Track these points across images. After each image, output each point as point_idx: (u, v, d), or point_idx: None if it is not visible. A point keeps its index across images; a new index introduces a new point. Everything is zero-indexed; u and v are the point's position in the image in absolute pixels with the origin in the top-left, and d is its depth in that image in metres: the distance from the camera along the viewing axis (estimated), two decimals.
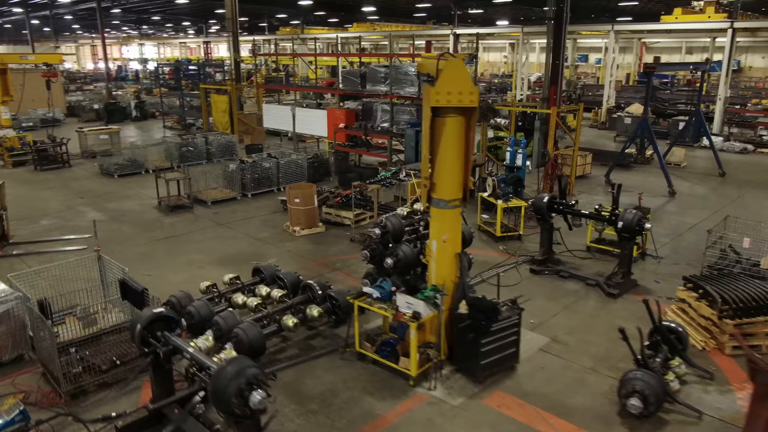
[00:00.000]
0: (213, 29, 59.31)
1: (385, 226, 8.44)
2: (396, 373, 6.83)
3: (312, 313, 7.61)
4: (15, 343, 7.06)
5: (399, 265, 8.40)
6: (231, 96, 22.84)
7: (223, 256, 10.83)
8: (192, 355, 5.19)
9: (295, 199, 11.77)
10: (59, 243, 11.61)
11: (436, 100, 6.38)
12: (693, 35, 40.29)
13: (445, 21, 42.74)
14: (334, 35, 39.67)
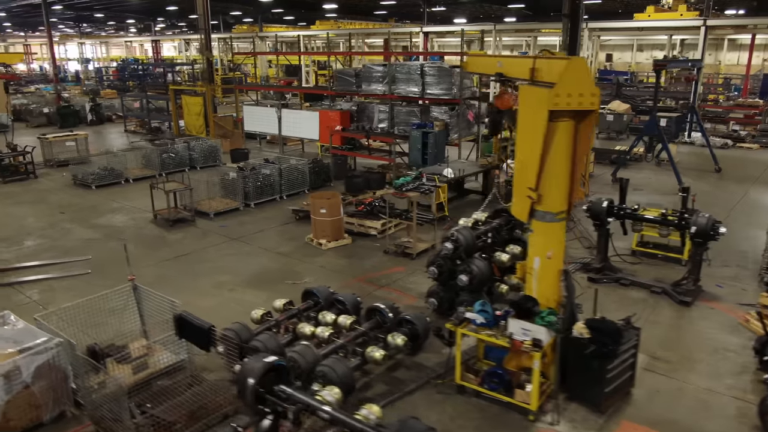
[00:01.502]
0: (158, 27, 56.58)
1: (456, 240, 7.78)
2: (506, 406, 6.13)
3: (396, 342, 6.81)
4: (56, 398, 5.92)
5: (475, 282, 7.76)
6: (206, 98, 21.44)
7: (251, 275, 9.81)
8: (334, 417, 4.31)
9: (320, 209, 10.85)
10: (55, 268, 10.25)
11: (555, 103, 5.70)
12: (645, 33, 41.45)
13: (406, 19, 42.23)
14: (295, 33, 38.41)
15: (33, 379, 5.69)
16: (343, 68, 19.18)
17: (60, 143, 18.71)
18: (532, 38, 42.78)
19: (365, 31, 37.83)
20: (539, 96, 5.83)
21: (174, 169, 17.39)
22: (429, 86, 15.61)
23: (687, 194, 8.92)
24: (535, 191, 6.18)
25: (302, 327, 7.18)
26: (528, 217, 6.43)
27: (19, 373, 5.58)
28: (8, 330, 6.15)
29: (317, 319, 7.44)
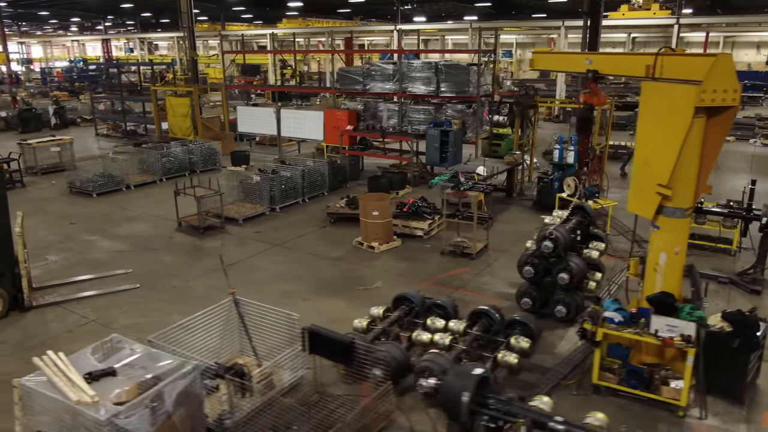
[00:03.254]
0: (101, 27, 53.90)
1: (556, 238, 7.71)
2: (648, 403, 6.12)
3: (520, 345, 6.67)
4: (194, 426, 5.44)
5: (575, 281, 7.73)
6: (194, 99, 20.55)
7: (315, 283, 9.42)
8: (570, 429, 4.13)
9: (373, 211, 10.56)
10: (98, 283, 9.51)
11: (701, 99, 5.70)
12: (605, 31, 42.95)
13: (371, 17, 41.98)
14: (264, 32, 37.44)
15: (174, 408, 5.21)
16: (348, 67, 18.77)
17: (44, 149, 17.46)
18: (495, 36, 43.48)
19: (338, 29, 37.34)
20: (683, 92, 5.81)
21: (174, 174, 16.61)
22: (445, 84, 15.52)
23: (753, 188, 9.19)
24: (668, 188, 6.18)
25: (418, 334, 6.93)
26: (654, 214, 6.42)
27: (163, 401, 5.09)
28: (128, 354, 5.61)
29: (425, 325, 7.21)
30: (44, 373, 5.21)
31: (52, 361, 5.33)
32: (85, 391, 4.88)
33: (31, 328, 8.02)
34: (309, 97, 30.79)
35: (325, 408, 5.90)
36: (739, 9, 35.83)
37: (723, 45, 43.39)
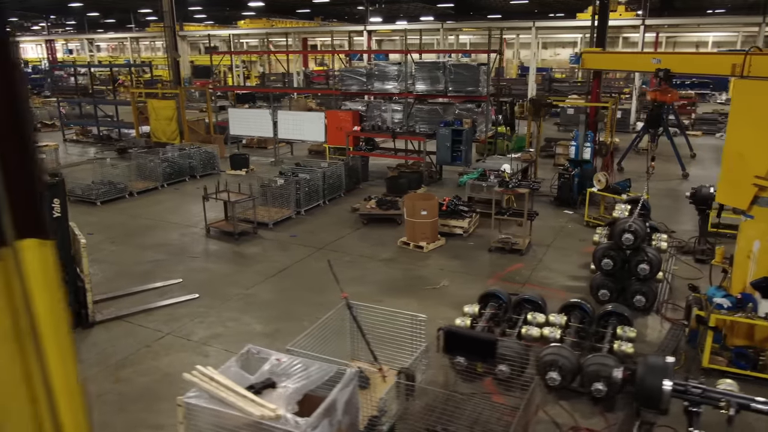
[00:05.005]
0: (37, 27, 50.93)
1: (635, 231, 8.00)
2: (758, 383, 6.47)
3: (628, 334, 6.90)
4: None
5: (654, 271, 8.05)
6: (180, 101, 19.83)
7: (380, 284, 9.36)
8: None
9: (422, 211, 10.58)
10: (150, 295, 9.09)
11: None
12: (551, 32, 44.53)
13: (332, 17, 41.75)
14: (225, 32, 36.47)
15: (342, 417, 5.09)
16: (352, 67, 18.63)
17: None
18: (455, 37, 44.28)
19: (303, 30, 36.89)
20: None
21: (174, 179, 16.04)
22: (453, 84, 15.69)
23: None
24: (767, 179, 6.56)
25: (529, 329, 7.03)
26: (749, 205, 6.80)
27: (336, 411, 4.96)
28: (277, 364, 5.42)
29: (526, 320, 7.32)
30: (203, 389, 4.96)
31: (206, 376, 5.08)
32: (264, 405, 4.70)
33: (103, 344, 7.57)
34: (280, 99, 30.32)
35: (467, 407, 5.91)
36: (680, 11, 38.08)
37: (666, 44, 45.84)
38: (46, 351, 2.11)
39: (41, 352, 2.09)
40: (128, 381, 6.71)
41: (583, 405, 6.25)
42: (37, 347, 2.08)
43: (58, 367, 2.14)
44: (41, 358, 2.09)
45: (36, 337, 2.06)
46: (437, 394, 6.06)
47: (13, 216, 1.94)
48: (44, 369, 2.09)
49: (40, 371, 2.08)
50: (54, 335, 2.12)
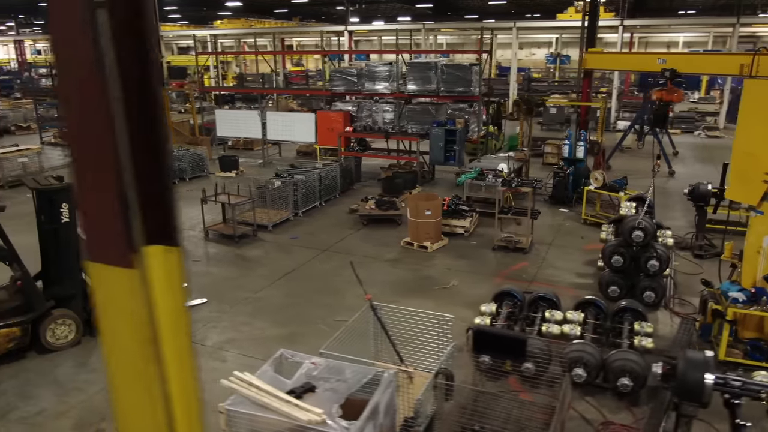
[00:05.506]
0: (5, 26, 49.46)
1: (645, 228, 8.15)
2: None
3: (646, 329, 7.02)
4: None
5: (664, 267, 8.21)
6: (164, 102, 19.44)
7: (390, 285, 9.34)
8: None
9: (426, 211, 10.60)
10: None
11: None
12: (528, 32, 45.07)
13: (310, 17, 41.53)
14: (205, 32, 35.91)
15: (383, 419, 5.07)
16: (342, 68, 18.54)
17: (10, 159, 15.93)
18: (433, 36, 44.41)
19: (284, 30, 36.58)
20: None
21: None
22: (445, 84, 15.76)
23: None
24: None
25: (548, 327, 7.11)
26: (759, 201, 6.99)
27: (378, 414, 4.94)
28: (313, 368, 5.37)
29: (544, 317, 7.40)
30: (243, 395, 4.89)
31: (245, 381, 5.01)
32: (310, 410, 4.65)
33: None
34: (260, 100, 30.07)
35: (497, 405, 5.94)
36: (652, 12, 38.96)
37: (638, 45, 46.81)
38: (165, 357, 2.07)
39: (160, 357, 2.04)
40: None
41: (608, 400, 6.35)
42: (157, 353, 2.03)
43: (175, 372, 2.09)
44: (160, 363, 2.04)
45: (156, 343, 2.02)
46: (468, 393, 6.09)
47: (143, 222, 1.89)
48: (162, 374, 2.05)
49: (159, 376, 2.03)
50: (173, 342, 2.08)
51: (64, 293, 7.47)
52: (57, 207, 7.26)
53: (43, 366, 7.07)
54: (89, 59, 1.63)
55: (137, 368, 1.97)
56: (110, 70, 1.66)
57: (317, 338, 7.72)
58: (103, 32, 1.68)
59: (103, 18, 1.69)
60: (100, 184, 1.75)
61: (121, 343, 1.97)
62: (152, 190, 1.86)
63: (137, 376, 2.00)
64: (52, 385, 6.70)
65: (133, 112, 1.76)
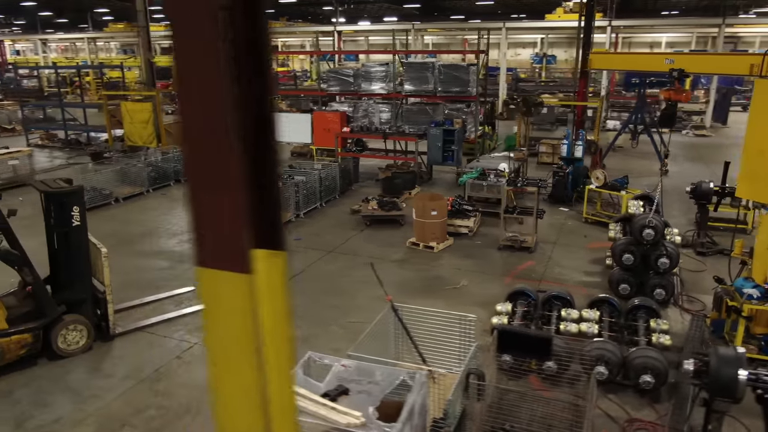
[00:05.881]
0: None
1: (655, 227, 8.24)
2: None
3: (661, 326, 7.10)
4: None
5: (674, 264, 8.30)
6: (156, 104, 19.24)
7: (399, 286, 9.30)
8: None
9: (432, 211, 10.61)
10: (164, 304, 8.79)
11: None
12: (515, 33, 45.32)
13: (298, 18, 41.36)
14: None
15: (417, 420, 5.06)
16: (337, 68, 18.47)
17: (1, 162, 15.60)
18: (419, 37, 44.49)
19: (272, 30, 36.31)
20: None
21: (160, 184, 15.57)
22: (443, 84, 15.80)
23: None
24: None
25: (566, 325, 7.15)
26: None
27: (414, 416, 4.92)
28: (343, 370, 5.33)
29: (560, 316, 7.44)
30: None
31: None
32: (348, 413, 4.62)
33: (130, 357, 7.28)
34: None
35: (523, 404, 5.96)
36: (636, 12, 39.47)
37: (622, 45, 47.37)
38: (267, 361, 2.03)
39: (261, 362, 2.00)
40: (168, 394, 6.48)
41: (629, 397, 6.41)
42: (259, 358, 1.99)
43: (274, 377, 2.06)
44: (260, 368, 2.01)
45: (259, 348, 1.98)
46: (493, 392, 6.10)
47: (253, 226, 1.85)
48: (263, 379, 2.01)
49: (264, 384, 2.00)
50: (276, 349, 2.04)
51: (75, 298, 7.33)
52: (68, 210, 7.12)
53: (55, 372, 6.94)
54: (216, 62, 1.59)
55: (244, 376, 1.94)
56: (234, 77, 1.62)
57: (332, 340, 7.70)
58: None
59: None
60: (220, 189, 1.71)
61: (230, 350, 1.93)
62: (262, 193, 1.82)
63: (243, 384, 1.96)
64: (67, 392, 6.57)
65: (249, 118, 1.72)
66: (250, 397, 1.92)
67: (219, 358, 1.98)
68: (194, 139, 1.71)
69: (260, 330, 1.89)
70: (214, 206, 1.74)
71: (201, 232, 1.79)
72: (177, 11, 1.60)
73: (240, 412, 2.02)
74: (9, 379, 6.78)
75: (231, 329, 1.88)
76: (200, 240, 1.80)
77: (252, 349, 1.82)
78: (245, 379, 1.92)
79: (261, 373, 1.88)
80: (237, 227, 1.71)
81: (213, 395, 2.05)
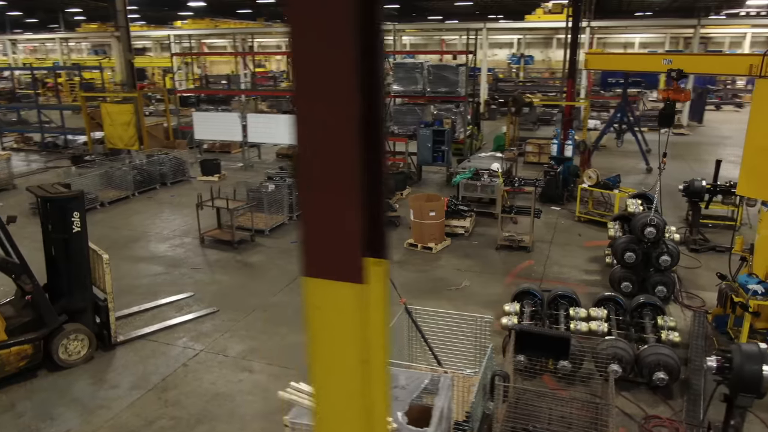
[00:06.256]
0: None
1: (657, 225, 8.35)
2: None
3: (669, 324, 7.20)
4: None
5: (675, 262, 8.43)
6: (138, 105, 18.84)
7: (402, 287, 9.20)
8: None
9: (430, 212, 10.59)
10: (163, 311, 8.59)
11: None
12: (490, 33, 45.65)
13: (275, 18, 40.99)
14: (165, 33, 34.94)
15: (444, 423, 5.02)
16: None
17: None
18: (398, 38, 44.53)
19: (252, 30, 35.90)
20: None
21: (145, 188, 15.26)
22: (432, 84, 15.80)
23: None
24: None
25: (577, 324, 7.18)
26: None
27: (443, 417, 4.88)
28: None
29: (569, 315, 7.48)
30: (305, 407, 4.75)
31: (304, 392, 4.87)
32: None
33: (135, 367, 7.08)
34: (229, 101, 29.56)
35: (542, 404, 5.97)
36: (610, 13, 40.13)
37: (596, 45, 48.10)
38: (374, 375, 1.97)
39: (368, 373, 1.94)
40: (178, 404, 6.31)
41: (642, 394, 6.47)
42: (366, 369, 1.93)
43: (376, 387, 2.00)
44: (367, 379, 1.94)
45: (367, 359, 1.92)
46: (511, 392, 6.09)
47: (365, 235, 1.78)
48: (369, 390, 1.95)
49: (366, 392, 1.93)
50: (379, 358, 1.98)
51: (75, 306, 7.11)
52: (68, 216, 6.89)
53: (58, 384, 6.71)
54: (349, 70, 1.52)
55: (351, 387, 1.86)
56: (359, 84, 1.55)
57: None
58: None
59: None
60: (340, 197, 1.63)
61: (338, 360, 1.86)
62: (372, 201, 1.75)
63: (349, 395, 1.89)
64: (73, 404, 6.36)
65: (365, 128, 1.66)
66: (355, 409, 1.85)
67: (325, 368, 1.91)
68: (315, 145, 1.63)
69: (369, 340, 1.82)
70: (332, 215, 1.67)
71: (313, 241, 1.71)
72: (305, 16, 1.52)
73: (344, 423, 1.95)
74: (9, 392, 6.55)
75: (341, 340, 1.81)
76: (311, 250, 1.72)
77: (361, 360, 1.76)
78: (352, 390, 1.85)
79: (367, 384, 1.82)
80: (354, 236, 1.64)
81: (316, 405, 1.97)
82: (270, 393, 6.44)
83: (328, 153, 1.64)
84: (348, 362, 1.84)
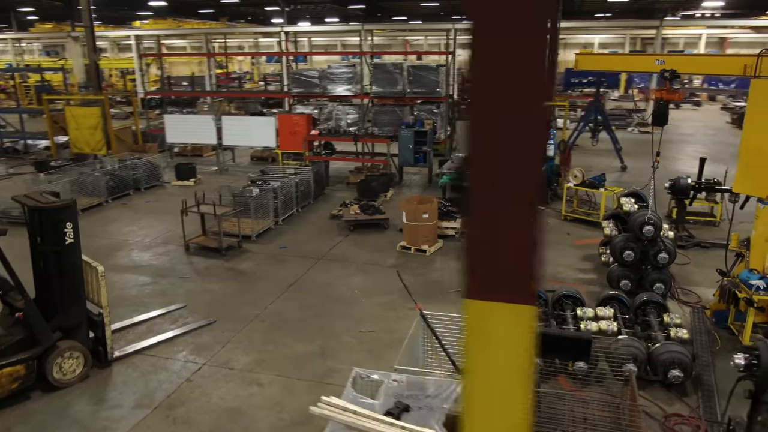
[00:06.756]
0: None
1: (654, 223, 8.47)
2: None
3: (675, 321, 7.28)
4: None
5: (672, 260, 8.57)
6: (105, 108, 18.15)
7: (401, 292, 9.14)
8: None
9: (423, 214, 10.50)
10: (156, 323, 8.24)
11: None
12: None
13: (239, 18, 40.23)
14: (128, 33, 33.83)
15: None
16: (301, 69, 18.01)
17: None
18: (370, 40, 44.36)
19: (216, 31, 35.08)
20: None
21: (119, 194, 14.70)
22: (412, 85, 15.73)
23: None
24: None
25: (586, 324, 7.19)
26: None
27: None
28: (397, 386, 5.12)
29: (576, 316, 7.49)
30: (341, 422, 4.58)
31: (336, 407, 4.69)
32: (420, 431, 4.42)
33: (135, 384, 6.74)
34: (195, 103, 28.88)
35: (563, 406, 5.93)
36: (570, 14, 40.99)
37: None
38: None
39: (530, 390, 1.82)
40: (188, 422, 6.03)
41: (657, 392, 6.51)
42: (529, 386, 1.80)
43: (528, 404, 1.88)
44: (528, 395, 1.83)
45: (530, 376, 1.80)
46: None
47: None
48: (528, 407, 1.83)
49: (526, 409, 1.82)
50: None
51: (69, 323, 6.73)
52: (60, 227, 6.51)
53: (54, 406, 6.33)
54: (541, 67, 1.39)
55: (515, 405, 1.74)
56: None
57: (349, 352, 7.44)
58: None
59: None
60: (521, 214, 1.50)
61: (503, 379, 1.73)
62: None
63: (511, 413, 1.76)
64: (74, 426, 6.00)
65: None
66: (518, 426, 1.73)
67: (487, 387, 1.77)
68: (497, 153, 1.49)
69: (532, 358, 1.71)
70: (511, 233, 1.53)
71: (480, 264, 1.57)
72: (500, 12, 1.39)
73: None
74: (2, 416, 6.13)
75: (507, 360, 1.68)
76: (477, 272, 1.58)
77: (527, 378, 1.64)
78: (514, 408, 1.73)
79: (527, 401, 1.70)
80: (526, 258, 1.51)
81: (471, 423, 1.84)
82: (284, 406, 6.24)
83: (513, 161, 1.51)
84: (512, 380, 1.73)
